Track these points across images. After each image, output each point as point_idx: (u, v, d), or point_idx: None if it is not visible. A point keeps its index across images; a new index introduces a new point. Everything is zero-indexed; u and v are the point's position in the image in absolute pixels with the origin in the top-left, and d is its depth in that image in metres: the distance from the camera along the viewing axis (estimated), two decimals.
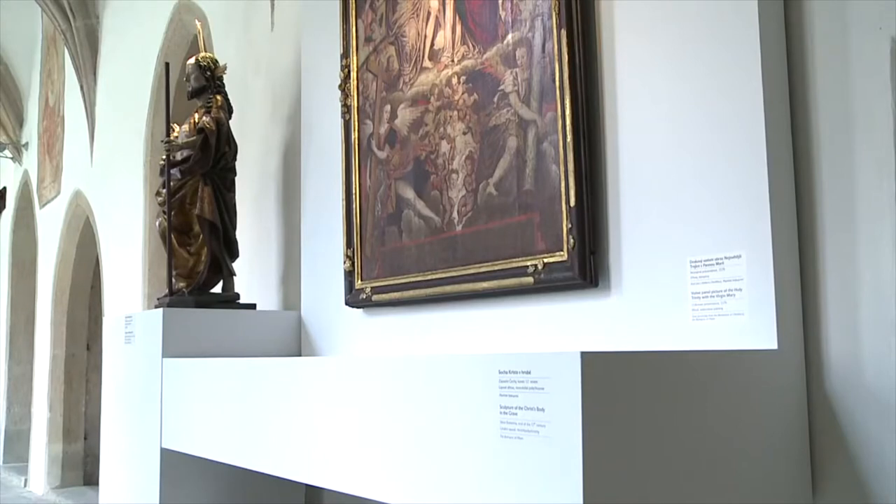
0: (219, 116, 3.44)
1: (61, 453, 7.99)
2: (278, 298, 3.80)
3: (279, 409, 2.46)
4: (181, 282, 3.44)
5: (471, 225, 2.46)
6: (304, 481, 2.39)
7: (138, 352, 3.40)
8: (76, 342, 8.17)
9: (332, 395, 2.19)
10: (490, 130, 2.41)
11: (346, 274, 2.97)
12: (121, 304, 6.07)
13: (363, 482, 2.04)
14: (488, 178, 2.40)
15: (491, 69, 2.41)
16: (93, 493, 7.34)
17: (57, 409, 8.05)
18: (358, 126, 2.98)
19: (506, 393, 1.53)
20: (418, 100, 2.70)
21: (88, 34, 7.07)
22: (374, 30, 2.95)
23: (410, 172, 2.72)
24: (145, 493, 3.25)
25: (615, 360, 1.51)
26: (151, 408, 3.23)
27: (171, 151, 3.45)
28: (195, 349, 3.17)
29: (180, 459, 3.10)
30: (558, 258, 2.16)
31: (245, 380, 2.69)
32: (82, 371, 8.17)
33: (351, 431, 2.08)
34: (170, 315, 3.18)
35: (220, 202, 3.41)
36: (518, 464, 1.51)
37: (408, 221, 2.72)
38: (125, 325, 3.54)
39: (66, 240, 7.98)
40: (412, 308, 2.73)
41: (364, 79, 2.97)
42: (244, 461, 2.67)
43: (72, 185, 7.73)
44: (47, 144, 8.70)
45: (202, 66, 3.54)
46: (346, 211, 2.98)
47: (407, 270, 2.70)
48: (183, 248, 3.44)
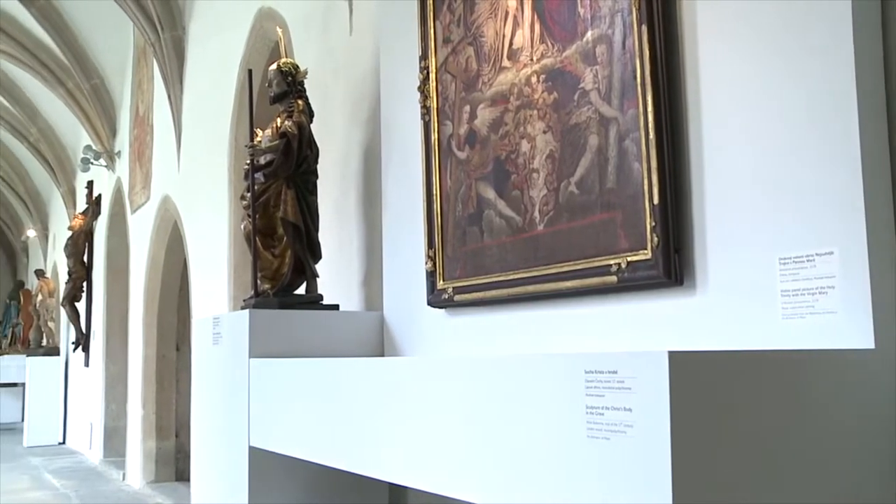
0: (300, 120, 3.50)
1: (155, 450, 8.27)
2: (360, 299, 3.84)
3: (363, 408, 2.48)
4: (266, 283, 3.51)
5: (552, 224, 2.45)
6: (388, 480, 2.41)
7: (226, 352, 3.49)
8: (166, 343, 8.44)
9: (417, 395, 2.20)
10: (570, 129, 2.39)
11: (428, 274, 2.99)
12: (207, 306, 6.24)
13: (447, 481, 2.05)
14: (569, 177, 2.38)
15: (570, 67, 2.39)
16: (185, 488, 7.57)
17: (150, 407, 8.33)
18: (438, 127, 2.99)
19: (592, 393, 1.51)
20: (497, 100, 2.70)
21: (175, 45, 7.30)
22: (452, 31, 2.96)
23: (491, 172, 2.72)
24: (235, 490, 3.33)
25: (703, 360, 1.48)
26: (239, 407, 3.31)
27: (255, 156, 3.52)
28: (280, 349, 3.23)
29: (267, 457, 3.16)
30: (642, 256, 2.13)
31: (329, 380, 2.73)
32: (172, 371, 8.43)
33: (435, 431, 2.09)
34: (255, 316, 3.25)
35: (303, 205, 3.47)
36: (605, 464, 1.49)
37: (489, 221, 2.72)
38: (213, 326, 3.64)
39: (155, 244, 8.24)
40: (494, 308, 2.73)
41: (443, 80, 2.99)
42: (329, 460, 2.71)
43: (160, 190, 7.98)
44: (138, 152, 9.01)
45: (284, 71, 3.61)
46: (427, 212, 3.00)
47: (489, 270, 2.70)
48: (267, 251, 3.51)
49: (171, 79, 7.34)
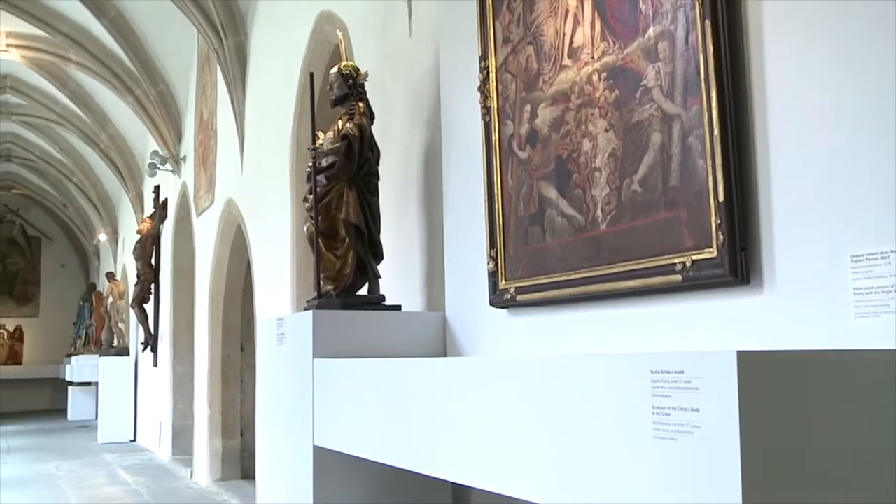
0: (362, 123, 3.53)
1: (221, 448, 8.43)
2: (422, 300, 3.86)
3: (426, 408, 2.50)
4: (329, 284, 3.55)
5: (615, 223, 2.43)
6: (451, 480, 2.42)
7: (290, 352, 3.53)
8: (231, 344, 8.59)
9: (480, 395, 2.21)
10: (633, 127, 2.36)
11: (490, 274, 2.99)
12: (271, 307, 6.33)
13: (511, 481, 2.04)
14: (632, 175, 2.36)
15: (632, 64, 2.37)
16: (250, 486, 7.70)
17: (216, 407, 8.49)
18: (498, 127, 2.99)
19: (658, 393, 1.50)
20: (558, 98, 2.69)
21: (238, 51, 7.43)
22: (511, 30, 2.96)
23: (552, 172, 2.71)
24: (299, 488, 3.37)
25: (772, 360, 1.45)
26: (303, 407, 3.35)
27: (317, 158, 3.57)
28: (343, 350, 3.26)
29: (332, 456, 3.20)
30: (707, 255, 2.10)
31: (392, 380, 2.75)
32: (237, 371, 8.58)
33: (499, 431, 2.09)
34: (319, 317, 3.29)
35: (365, 206, 3.50)
36: (671, 465, 1.48)
37: (551, 221, 2.71)
38: (277, 327, 3.69)
39: (219, 246, 8.40)
40: (557, 308, 2.72)
41: (503, 80, 2.99)
42: (392, 459, 2.73)
43: (224, 194, 8.13)
44: (202, 157, 9.20)
45: (344, 74, 3.65)
46: (489, 212, 3.00)
47: (551, 270, 2.69)
48: (330, 252, 3.55)
49: (234, 84, 7.47)
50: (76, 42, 10.56)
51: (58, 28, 10.51)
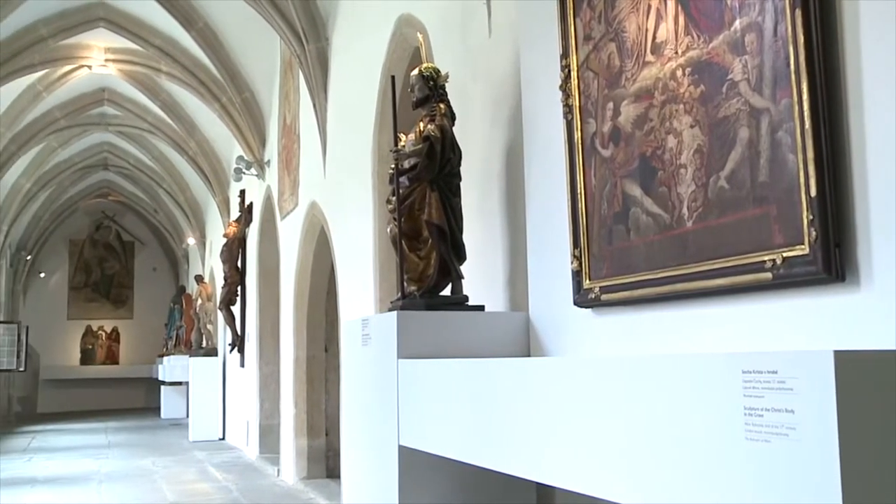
0: (443, 124, 3.55)
1: (306, 447, 8.58)
2: (505, 300, 3.86)
3: (510, 408, 2.50)
4: (412, 285, 3.58)
5: (702, 220, 2.38)
6: (536, 480, 2.41)
7: (374, 353, 3.58)
8: (315, 344, 8.74)
9: (565, 395, 2.19)
10: (719, 122, 2.32)
11: (574, 274, 2.97)
12: (355, 308, 6.42)
13: (596, 482, 2.03)
14: (719, 172, 2.31)
15: (718, 58, 2.32)
16: (335, 485, 7.82)
17: (301, 406, 8.65)
18: (580, 125, 2.96)
19: (750, 394, 1.46)
20: (642, 95, 2.65)
21: (320, 56, 7.56)
22: (592, 28, 2.93)
23: (636, 169, 2.67)
24: (385, 488, 3.41)
25: (871, 360, 1.40)
26: (388, 406, 3.39)
27: (399, 160, 3.60)
28: (427, 350, 3.28)
29: (417, 456, 3.22)
30: (799, 252, 2.04)
31: (477, 380, 2.75)
32: (322, 371, 8.73)
33: (584, 431, 2.08)
34: (403, 318, 3.32)
35: (447, 207, 3.52)
36: (765, 467, 1.44)
37: (635, 219, 2.67)
38: (362, 327, 3.74)
39: (303, 249, 8.56)
40: (642, 307, 2.68)
41: (585, 77, 2.96)
42: (476, 459, 2.74)
43: (308, 196, 8.28)
44: (286, 161, 9.39)
45: (425, 76, 3.68)
46: (572, 211, 2.98)
47: (636, 269, 2.66)
48: (413, 253, 3.58)
49: (316, 88, 7.61)
50: (167, 54, 10.94)
51: (150, 41, 10.91)
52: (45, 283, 22.65)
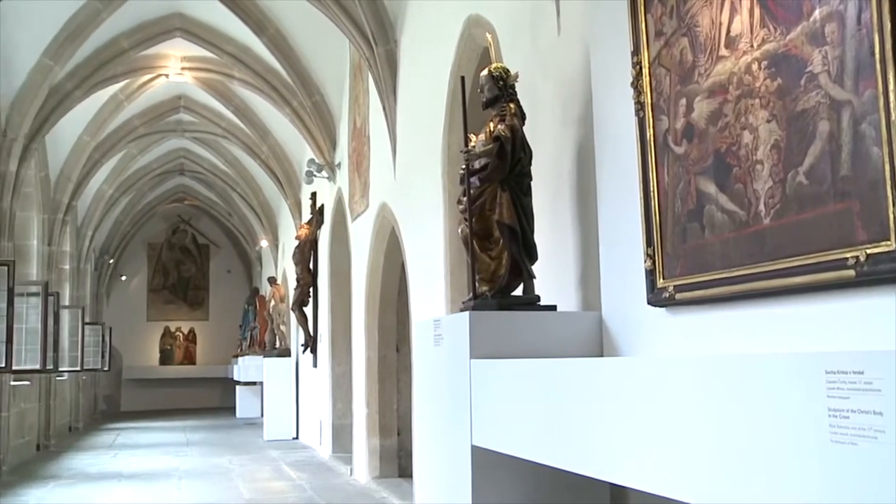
0: (513, 124, 3.54)
1: (378, 447, 8.66)
2: (577, 299, 3.83)
3: (584, 408, 2.48)
4: (484, 286, 3.58)
5: (779, 217, 2.32)
6: (609, 481, 2.39)
7: (447, 353, 3.59)
8: (387, 345, 8.81)
9: (639, 396, 2.17)
10: (797, 116, 2.26)
11: (647, 273, 2.93)
12: (425, 308, 6.45)
13: (673, 483, 2.00)
14: (797, 167, 2.25)
15: (796, 50, 2.26)
16: (407, 484, 7.87)
17: (373, 406, 8.73)
18: (653, 122, 2.93)
19: (835, 395, 1.42)
20: (716, 90, 2.60)
21: (389, 58, 7.62)
22: (664, 23, 2.89)
23: (711, 166, 2.63)
24: (457, 487, 3.42)
25: None
26: (461, 406, 3.39)
27: (470, 161, 3.60)
28: (499, 350, 3.28)
29: (490, 456, 3.22)
30: (884, 248, 1.97)
31: (550, 380, 2.74)
32: (393, 371, 8.79)
33: (659, 432, 2.05)
34: (475, 318, 3.33)
35: (519, 207, 3.51)
36: (851, 470, 1.40)
37: (710, 217, 2.63)
38: (434, 328, 3.76)
39: (374, 250, 8.64)
40: (718, 306, 2.63)
41: (657, 74, 2.92)
42: (550, 459, 2.73)
43: (378, 198, 8.35)
44: (356, 163, 9.49)
45: (495, 76, 3.67)
46: (645, 209, 2.94)
47: (711, 267, 2.61)
48: (484, 253, 3.58)
49: (386, 91, 7.67)
50: (239, 60, 11.19)
51: (224, 48, 11.17)
52: (126, 285, 23.38)
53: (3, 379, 9.59)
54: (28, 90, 10.02)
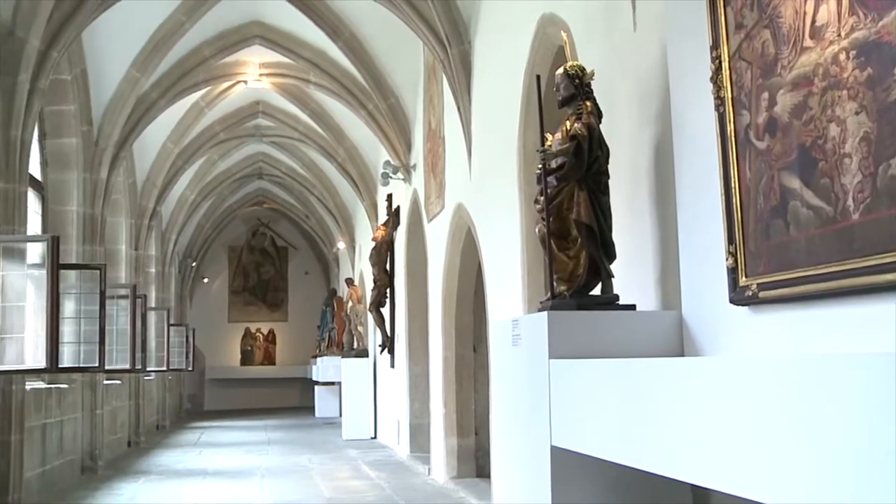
0: (590, 122, 3.52)
1: (456, 447, 8.68)
2: (656, 298, 3.78)
3: (665, 409, 2.44)
4: (562, 285, 3.57)
5: (869, 212, 2.25)
6: (692, 482, 2.35)
7: (525, 353, 3.58)
8: (464, 344, 8.83)
9: (721, 397, 2.13)
10: (889, 106, 2.18)
11: (729, 271, 2.87)
12: (502, 308, 6.45)
13: (757, 485, 1.95)
14: (889, 160, 2.18)
15: (888, 37, 2.18)
16: (485, 484, 7.87)
17: (450, 406, 8.76)
18: (733, 118, 2.87)
19: None
20: (800, 83, 2.54)
21: (462, 59, 7.65)
22: (744, 15, 2.82)
23: (795, 161, 2.56)
24: (537, 488, 3.41)
25: None
26: (540, 407, 3.38)
27: (547, 160, 3.59)
28: (578, 350, 3.26)
29: (570, 457, 3.20)
30: None
31: (630, 380, 2.71)
32: (470, 371, 8.81)
33: (742, 434, 2.01)
34: (554, 318, 3.31)
35: (596, 205, 3.48)
36: None
37: (795, 213, 2.56)
38: (512, 328, 3.76)
39: (450, 250, 8.67)
40: (804, 304, 2.56)
41: (737, 68, 2.86)
42: (631, 460, 2.70)
43: (454, 199, 8.38)
44: (431, 164, 9.54)
45: (570, 74, 3.65)
46: (726, 206, 2.88)
47: (796, 265, 2.54)
48: (562, 253, 3.56)
49: (460, 91, 7.69)
50: (315, 65, 11.39)
51: (300, 54, 11.39)
52: (208, 288, 24.00)
53: (97, 378, 9.97)
54: (117, 101, 10.39)
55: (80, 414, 9.63)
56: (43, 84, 7.46)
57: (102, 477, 9.63)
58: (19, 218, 7.11)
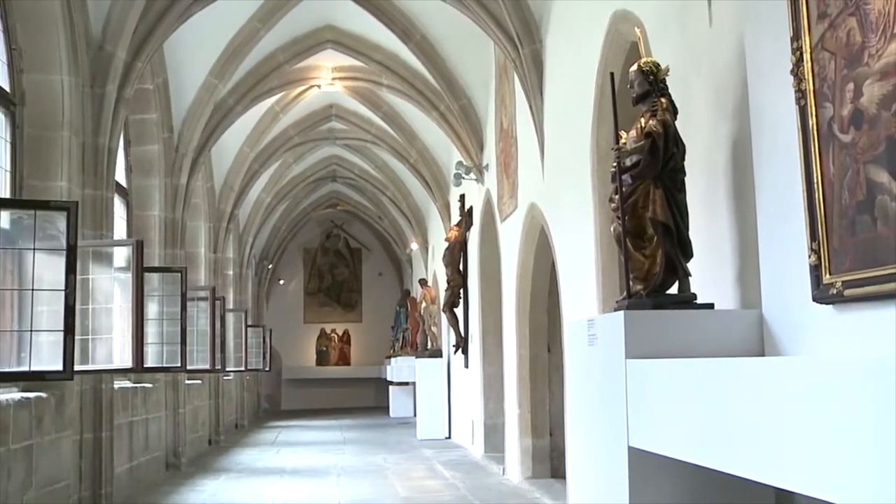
0: (665, 119, 3.47)
1: (531, 447, 8.65)
2: (735, 297, 3.70)
3: (746, 410, 2.39)
4: (638, 284, 3.53)
5: None
6: (774, 485, 2.29)
7: (601, 353, 3.55)
8: (538, 344, 8.80)
9: (805, 398, 2.07)
10: None
11: (812, 268, 2.80)
12: (577, 308, 6.40)
13: (844, 490, 1.90)
14: None
15: None
16: (560, 485, 7.83)
17: (525, 406, 8.73)
18: (815, 110, 2.79)
19: None
20: (889, 72, 2.45)
21: (534, 58, 7.62)
22: (828, 4, 2.74)
23: (882, 154, 2.48)
24: (614, 489, 3.38)
25: None
26: (616, 407, 3.35)
27: (621, 158, 3.55)
28: (656, 350, 3.22)
29: (647, 458, 3.17)
30: None
31: (710, 380, 2.67)
32: (544, 371, 8.77)
33: (828, 436, 1.96)
34: (630, 317, 3.28)
35: (672, 203, 3.43)
36: None
37: (882, 208, 2.48)
38: (587, 328, 3.73)
39: (524, 250, 8.65)
40: (891, 302, 2.48)
41: (819, 59, 2.78)
42: (711, 462, 2.65)
43: (527, 198, 8.36)
44: (504, 164, 9.53)
45: (645, 71, 3.61)
46: (808, 201, 2.81)
47: (884, 261, 2.46)
48: (638, 252, 3.52)
49: (532, 91, 7.67)
50: (387, 67, 11.50)
51: (372, 57, 11.52)
52: (284, 289, 24.44)
53: (178, 378, 10.26)
54: (196, 108, 10.67)
55: (163, 412, 9.92)
56: (128, 94, 7.72)
57: (185, 473, 9.90)
58: (107, 223, 7.38)
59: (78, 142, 6.91)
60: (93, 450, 6.94)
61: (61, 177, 6.59)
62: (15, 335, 4.54)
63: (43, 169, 6.53)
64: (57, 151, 6.60)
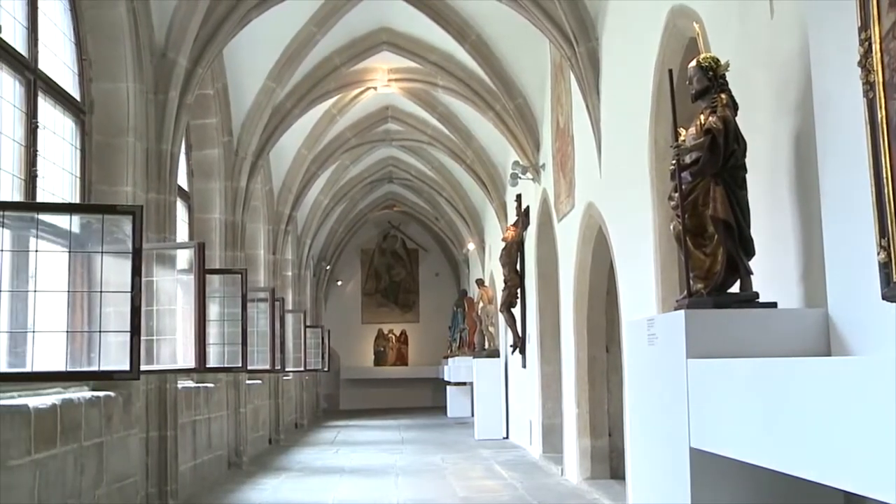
0: (725, 115, 3.42)
1: (589, 447, 8.60)
2: (799, 296, 3.63)
3: (813, 411, 2.34)
4: (698, 283, 3.48)
5: None
6: (843, 488, 2.24)
7: (661, 353, 3.51)
8: (596, 344, 8.73)
9: (875, 399, 2.02)
10: None
11: (881, 266, 2.72)
12: (635, 307, 6.34)
13: None
14: None
15: None
16: (619, 486, 7.76)
17: (583, 406, 8.68)
18: (885, 103, 2.71)
19: None
20: None
21: (590, 56, 7.56)
22: None
23: None
24: (675, 491, 3.33)
25: None
26: (677, 407, 3.31)
27: (681, 155, 3.51)
28: (717, 350, 3.17)
29: (710, 459, 3.12)
30: None
31: (774, 381, 2.62)
32: (603, 371, 8.70)
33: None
34: (691, 317, 3.24)
35: (733, 201, 3.38)
36: None
37: None
38: (647, 327, 3.69)
39: (581, 249, 8.59)
40: None
41: (889, 49, 2.70)
42: (776, 464, 2.60)
43: (584, 198, 8.30)
44: (560, 163, 9.48)
45: (704, 67, 3.56)
46: (877, 197, 2.73)
47: None
48: (698, 250, 3.48)
49: (588, 89, 7.61)
50: (443, 68, 11.54)
51: (427, 58, 11.57)
52: (342, 290, 24.68)
53: (239, 378, 10.44)
54: (254, 112, 10.85)
55: (225, 412, 10.11)
56: (189, 99, 7.89)
57: (247, 472, 10.07)
58: (169, 226, 7.56)
59: (142, 147, 7.09)
60: (158, 448, 7.12)
61: (127, 182, 6.77)
62: (85, 336, 4.68)
63: (110, 174, 6.72)
64: (122, 157, 6.78)
